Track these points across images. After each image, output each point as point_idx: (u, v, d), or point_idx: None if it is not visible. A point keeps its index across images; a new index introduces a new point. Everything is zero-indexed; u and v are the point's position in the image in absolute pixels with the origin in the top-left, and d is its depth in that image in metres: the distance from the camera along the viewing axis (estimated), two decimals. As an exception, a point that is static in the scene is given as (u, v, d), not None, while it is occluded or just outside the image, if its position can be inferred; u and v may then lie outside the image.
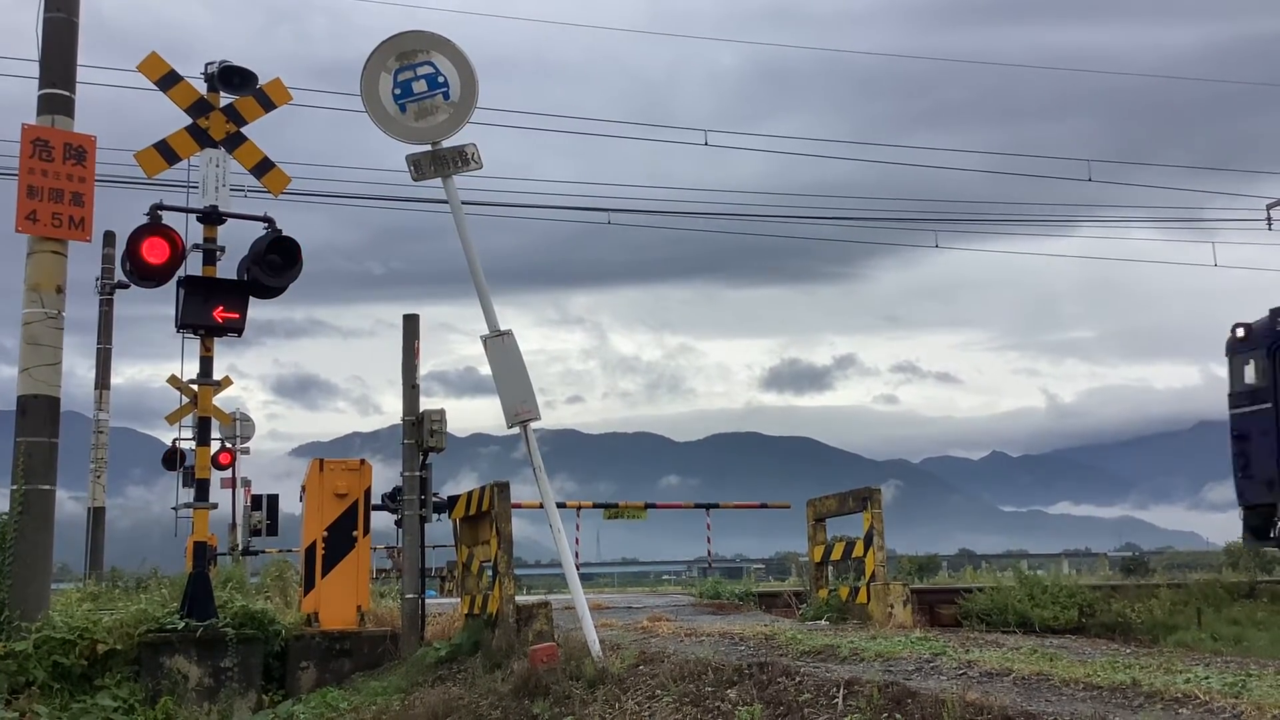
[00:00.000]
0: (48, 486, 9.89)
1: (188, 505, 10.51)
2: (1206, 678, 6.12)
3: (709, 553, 21.93)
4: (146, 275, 10.42)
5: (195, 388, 11.38)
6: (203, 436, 10.79)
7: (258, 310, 10.80)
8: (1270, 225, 27.63)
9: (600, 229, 17.58)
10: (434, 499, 11.26)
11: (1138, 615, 15.55)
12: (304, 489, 11.06)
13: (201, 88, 10.74)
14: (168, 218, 10.56)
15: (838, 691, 6.03)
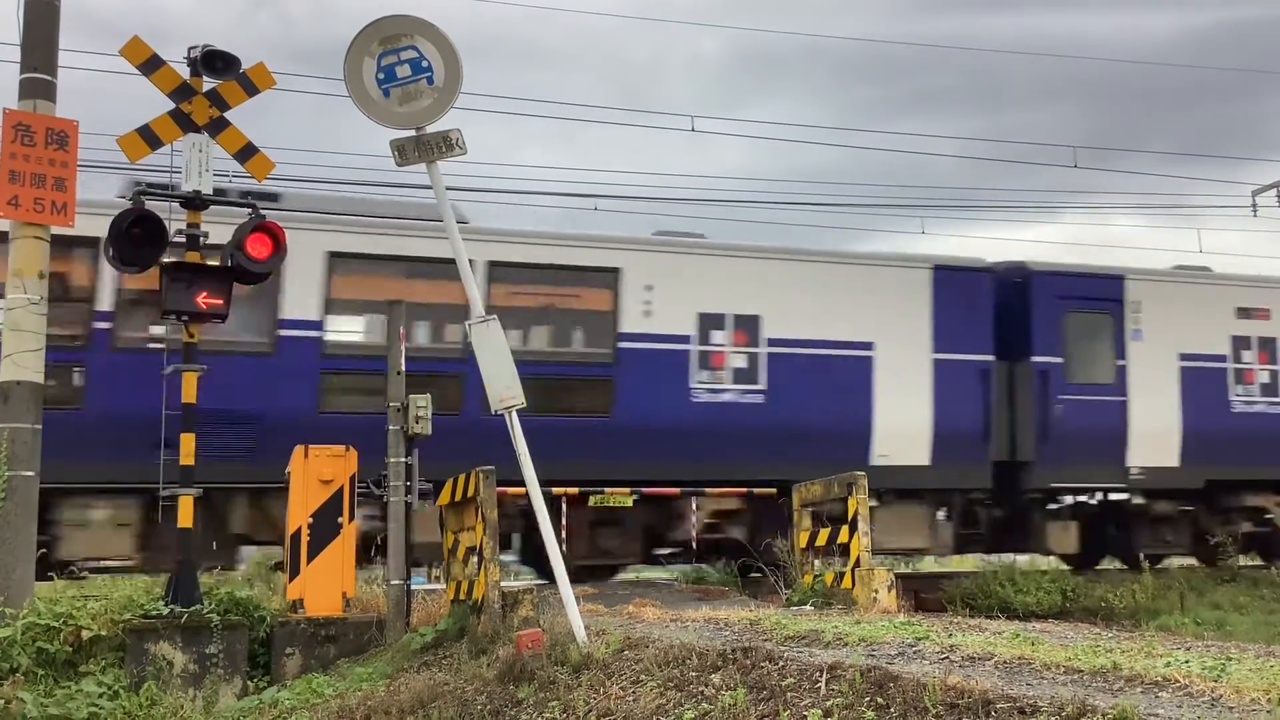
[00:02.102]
0: (31, 472, 9.86)
1: (173, 491, 10.48)
2: (1187, 661, 6.17)
3: (695, 537, 21.95)
4: (130, 260, 10.37)
5: (179, 374, 11.30)
6: (187, 422, 10.75)
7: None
8: (1255, 212, 27.75)
9: (584, 215, 17.55)
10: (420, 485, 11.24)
11: (1120, 600, 15.68)
12: (288, 475, 11.05)
13: (184, 72, 10.68)
14: (150, 203, 10.51)
15: (820, 676, 6.07)
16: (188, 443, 10.55)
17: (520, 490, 8.87)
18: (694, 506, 16.53)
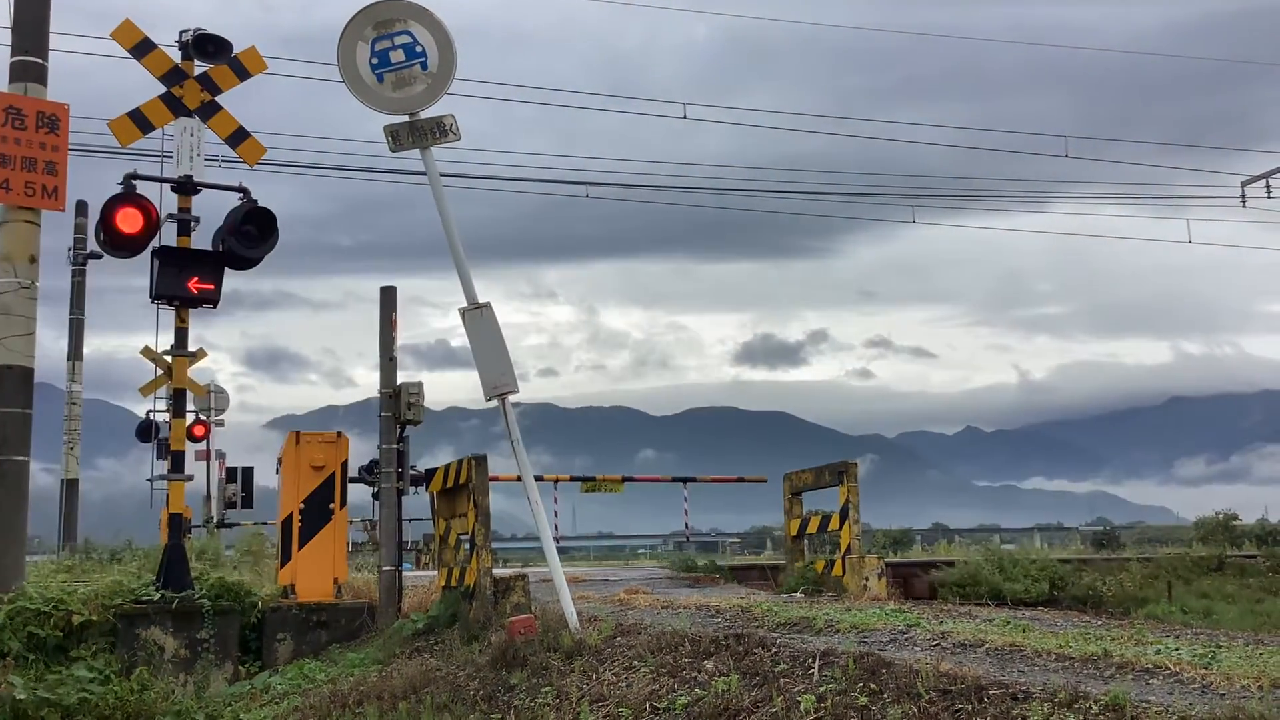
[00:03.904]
0: (22, 457, 9.84)
1: (163, 477, 10.48)
2: (1177, 649, 6.21)
3: (686, 525, 22.03)
4: (120, 245, 10.32)
5: (169, 359, 11.29)
6: (178, 408, 10.74)
7: (226, 281, 10.73)
8: (1245, 203, 27.82)
9: (571, 202, 17.55)
10: (411, 472, 11.25)
11: (1109, 588, 15.73)
12: (280, 461, 11.03)
13: (176, 56, 10.63)
14: (141, 187, 10.48)
15: (813, 662, 6.08)
16: (178, 428, 10.53)
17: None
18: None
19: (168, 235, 10.59)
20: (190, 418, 25.35)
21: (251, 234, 10.59)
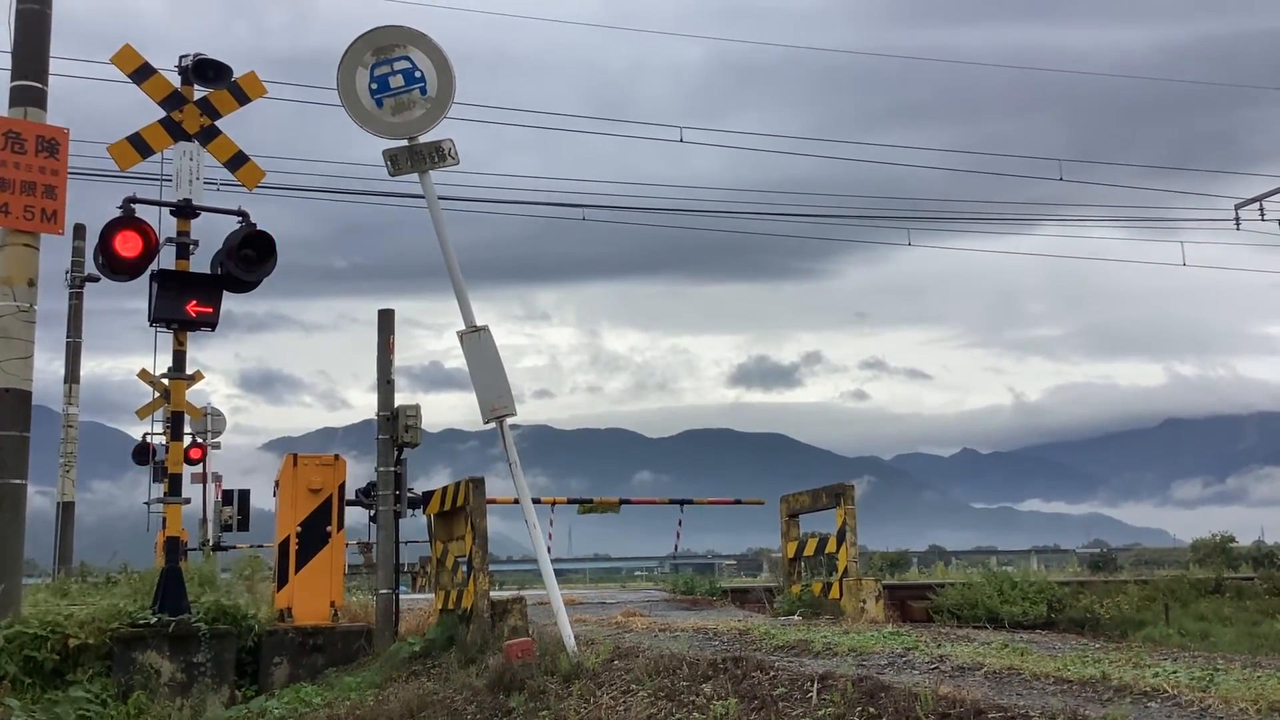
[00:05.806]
0: (19, 481, 9.83)
1: (160, 500, 10.47)
2: (1175, 672, 6.21)
3: (675, 549, 22.03)
4: (119, 269, 10.35)
5: (167, 382, 11.30)
6: (176, 431, 10.74)
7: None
8: (1239, 225, 27.93)
9: (563, 224, 17.64)
10: (408, 494, 11.26)
11: (1106, 611, 15.76)
12: (278, 484, 11.03)
13: (175, 80, 10.68)
14: (140, 211, 10.50)
15: (812, 685, 6.08)
16: (175, 451, 10.53)
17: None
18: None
19: (166, 259, 10.62)
20: (187, 440, 25.30)
21: (250, 257, 10.62)
